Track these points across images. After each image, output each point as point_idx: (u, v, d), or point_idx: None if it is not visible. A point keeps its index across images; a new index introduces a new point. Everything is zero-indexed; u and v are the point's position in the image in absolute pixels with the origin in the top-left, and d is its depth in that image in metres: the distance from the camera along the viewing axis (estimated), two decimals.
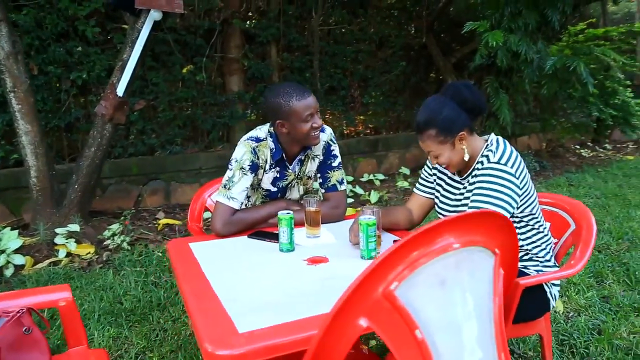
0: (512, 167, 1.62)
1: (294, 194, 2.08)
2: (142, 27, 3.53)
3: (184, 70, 5.09)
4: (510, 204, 1.59)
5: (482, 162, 1.66)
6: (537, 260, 1.74)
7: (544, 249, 1.75)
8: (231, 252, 1.71)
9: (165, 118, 5.00)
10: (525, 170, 1.68)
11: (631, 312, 2.53)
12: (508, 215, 1.61)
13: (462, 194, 1.78)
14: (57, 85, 4.46)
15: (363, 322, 0.90)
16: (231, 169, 1.89)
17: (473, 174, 1.71)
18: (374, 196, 5.03)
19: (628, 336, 2.30)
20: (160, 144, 4.99)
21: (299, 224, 1.85)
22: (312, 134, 1.87)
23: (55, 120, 4.43)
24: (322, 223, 1.89)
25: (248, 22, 5.39)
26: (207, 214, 2.58)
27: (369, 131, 6.81)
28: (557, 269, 1.77)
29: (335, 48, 6.09)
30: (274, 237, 1.80)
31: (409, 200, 2.01)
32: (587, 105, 6.26)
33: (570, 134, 6.99)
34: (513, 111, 5.86)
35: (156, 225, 4.17)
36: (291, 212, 1.68)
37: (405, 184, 5.57)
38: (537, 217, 1.73)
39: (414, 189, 2.01)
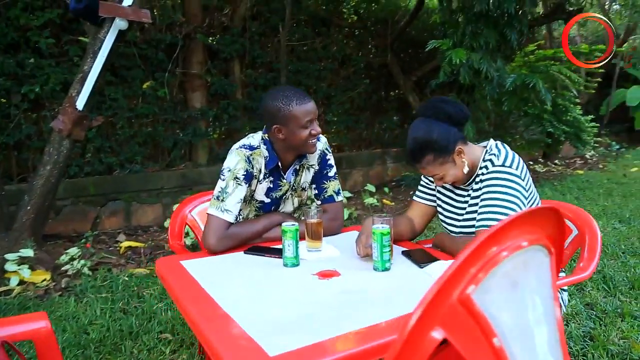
0: (517, 169, 1.59)
1: (288, 206, 1.96)
2: (105, 37, 3.33)
3: (145, 86, 4.86)
4: (519, 206, 1.55)
5: (486, 167, 1.63)
6: None
7: None
8: (230, 268, 1.56)
9: (124, 135, 4.74)
10: (528, 173, 1.65)
11: (616, 317, 2.55)
12: None
13: (466, 201, 1.73)
14: (6, 99, 4.13)
15: (437, 334, 0.79)
16: (224, 179, 1.74)
17: (477, 179, 1.66)
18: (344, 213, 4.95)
19: (619, 341, 2.31)
20: (119, 163, 4.71)
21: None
22: (310, 141, 1.77)
23: (3, 137, 4.08)
24: None
25: (211, 37, 5.24)
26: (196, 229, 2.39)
27: (332, 149, 6.76)
28: (563, 274, 1.74)
29: (299, 65, 6.05)
30: (273, 252, 1.67)
31: (409, 209, 1.94)
32: (541, 122, 6.51)
33: (525, 150, 7.24)
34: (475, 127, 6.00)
35: (118, 248, 3.89)
36: (296, 223, 1.56)
37: (373, 201, 5.53)
38: None
39: (414, 197, 1.94)
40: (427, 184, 1.91)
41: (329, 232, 1.87)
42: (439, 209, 1.86)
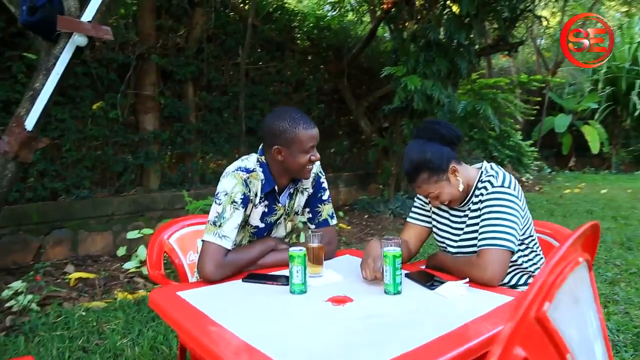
0: (514, 189, 1.64)
1: (280, 231, 1.88)
2: (60, 54, 3.12)
3: (95, 107, 4.61)
4: (519, 226, 1.60)
5: (485, 187, 1.65)
6: None
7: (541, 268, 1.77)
8: (235, 298, 1.46)
9: (71, 158, 4.43)
10: (522, 193, 1.70)
11: None
12: (519, 237, 1.61)
13: (463, 222, 1.74)
14: None
15: (520, 351, 0.76)
16: (220, 204, 1.65)
17: (474, 200, 1.69)
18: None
19: None
20: (65, 188, 4.39)
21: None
22: (308, 167, 1.72)
23: None
24: None
25: (165, 58, 5.08)
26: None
27: None
28: None
29: (254, 89, 6.00)
30: (275, 279, 1.59)
31: (403, 231, 1.92)
32: (486, 146, 6.83)
33: None
34: None
35: (66, 280, 3.59)
36: (304, 248, 1.49)
37: None
38: (534, 238, 1.75)
39: (408, 219, 1.93)
40: (421, 205, 1.91)
41: (325, 256, 1.81)
42: (435, 230, 1.86)
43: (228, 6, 5.62)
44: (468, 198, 1.71)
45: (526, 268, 1.71)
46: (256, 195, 1.73)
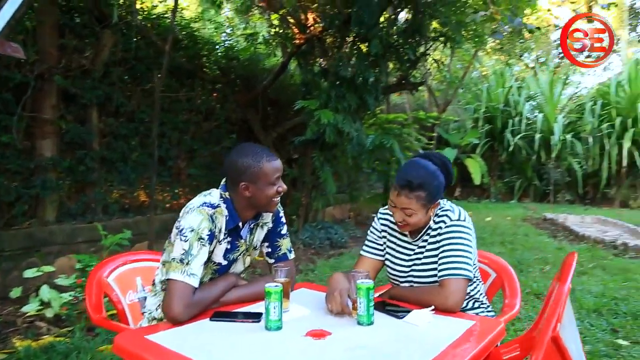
0: (469, 223, 1.79)
1: (239, 266, 1.85)
2: None
3: None
4: (473, 255, 1.75)
5: (444, 221, 1.78)
6: (482, 307, 1.91)
7: (483, 294, 1.95)
8: (213, 338, 1.41)
9: None
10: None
11: None
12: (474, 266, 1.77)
13: (415, 253, 1.86)
14: None
15: None
16: (186, 240, 1.58)
17: (432, 233, 1.81)
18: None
19: None
20: None
21: (253, 300, 1.72)
22: (275, 200, 1.74)
23: None
24: None
25: (68, 80, 4.72)
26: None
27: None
28: (492, 312, 1.96)
29: (163, 116, 5.77)
30: (243, 317, 1.57)
31: (358, 264, 1.98)
32: (388, 178, 7.25)
33: (374, 203, 7.95)
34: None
35: None
36: (280, 284, 1.49)
37: None
38: (477, 267, 1.92)
39: (362, 253, 2.00)
40: (375, 239, 1.99)
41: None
42: (387, 262, 1.95)
43: (140, 30, 5.41)
44: (424, 231, 1.84)
45: (473, 295, 1.87)
46: (220, 231, 1.69)
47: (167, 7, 6.15)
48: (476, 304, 1.89)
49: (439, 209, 1.83)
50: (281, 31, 6.45)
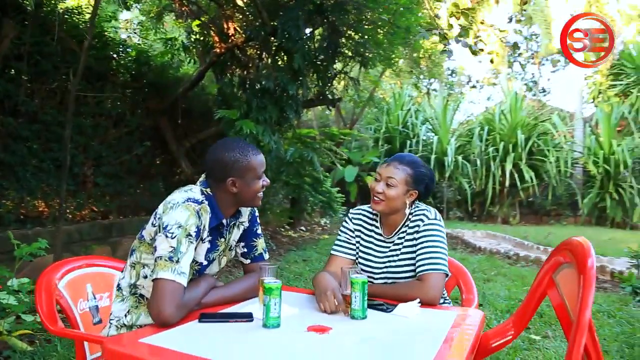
0: (442, 222, 1.91)
1: (214, 267, 1.76)
2: None
3: None
4: (447, 251, 1.86)
5: (421, 220, 1.88)
6: (447, 302, 2.02)
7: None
8: (213, 338, 1.34)
9: None
10: None
11: None
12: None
13: (391, 250, 1.93)
14: None
15: None
16: (173, 237, 1.48)
17: (409, 230, 1.89)
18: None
19: None
20: None
21: (232, 302, 1.67)
22: (259, 194, 1.70)
23: None
24: (250, 297, 1.71)
25: None
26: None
27: (98, 215, 6.03)
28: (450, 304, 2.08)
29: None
30: (234, 317, 1.51)
31: (329, 264, 1.99)
32: (301, 191, 7.34)
33: (283, 218, 7.95)
34: None
35: None
36: (278, 280, 1.46)
37: None
38: None
39: (334, 252, 2.02)
40: (347, 239, 2.02)
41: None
42: (361, 260, 1.98)
43: (47, 23, 4.94)
44: (399, 228, 1.91)
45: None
46: (204, 229, 1.61)
47: (78, 2, 5.71)
48: (441, 298, 1.99)
49: (416, 207, 1.92)
50: (202, 38, 6.29)
